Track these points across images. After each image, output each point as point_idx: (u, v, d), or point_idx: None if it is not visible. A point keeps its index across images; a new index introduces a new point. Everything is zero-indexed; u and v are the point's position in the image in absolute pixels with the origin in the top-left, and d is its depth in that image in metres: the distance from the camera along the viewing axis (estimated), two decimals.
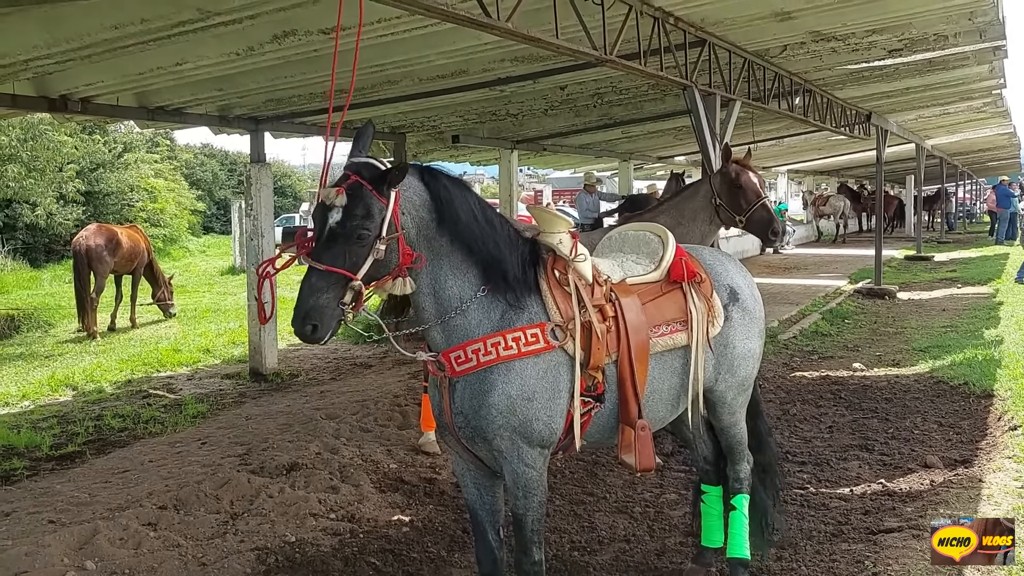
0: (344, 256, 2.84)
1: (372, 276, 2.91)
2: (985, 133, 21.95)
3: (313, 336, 2.83)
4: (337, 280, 2.83)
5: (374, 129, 3.19)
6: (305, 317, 2.82)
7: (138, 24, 5.27)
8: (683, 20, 6.49)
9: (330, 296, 2.82)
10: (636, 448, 3.33)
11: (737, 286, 3.92)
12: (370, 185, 2.87)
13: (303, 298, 2.82)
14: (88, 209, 22.74)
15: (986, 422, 6.66)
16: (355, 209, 2.84)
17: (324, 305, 2.82)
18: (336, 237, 2.85)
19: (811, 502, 5.23)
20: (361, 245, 2.86)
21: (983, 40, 8.52)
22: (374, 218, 2.86)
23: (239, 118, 8.94)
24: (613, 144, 15.53)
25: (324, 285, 2.82)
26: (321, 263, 2.83)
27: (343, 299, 2.84)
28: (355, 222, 2.84)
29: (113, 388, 8.96)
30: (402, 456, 6.28)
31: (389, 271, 2.96)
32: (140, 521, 5.00)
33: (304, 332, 2.83)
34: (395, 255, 2.94)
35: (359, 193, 2.86)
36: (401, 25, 5.70)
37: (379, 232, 2.87)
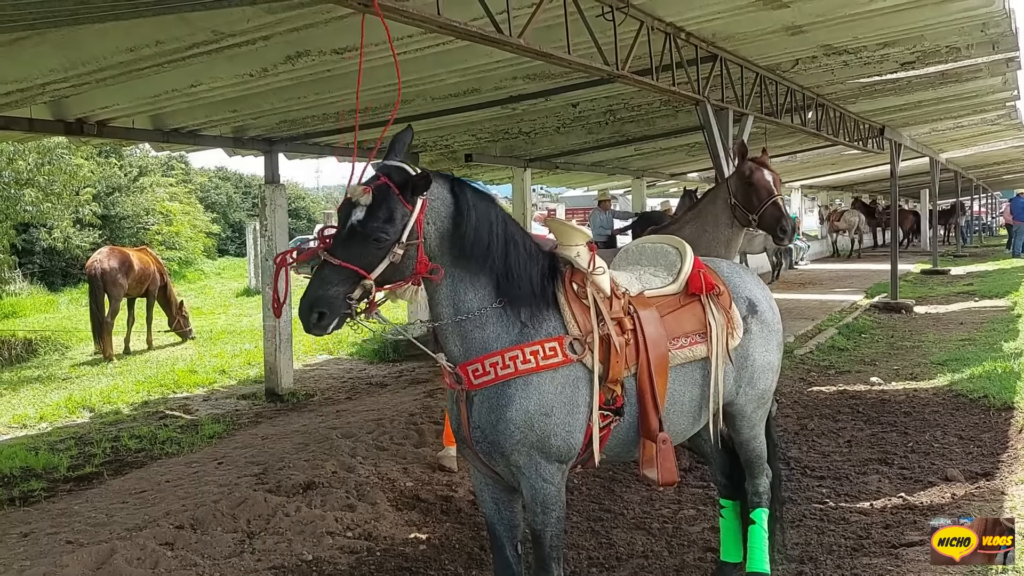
0: (360, 254, 2.85)
1: (386, 279, 2.92)
2: (1000, 146, 21.82)
3: (319, 324, 2.85)
4: (349, 276, 2.84)
5: (412, 136, 3.20)
6: (312, 304, 2.84)
7: (153, 47, 5.33)
8: (694, 35, 6.51)
9: (340, 289, 2.84)
10: (658, 462, 3.31)
11: (756, 298, 3.91)
12: (397, 189, 2.88)
13: (312, 287, 2.85)
14: (104, 233, 22.96)
15: (1007, 435, 6.58)
16: (378, 210, 2.85)
17: (332, 296, 2.83)
18: (355, 235, 2.86)
19: (831, 516, 5.17)
20: (379, 247, 2.87)
21: (996, 51, 8.49)
22: (396, 222, 2.87)
23: (253, 139, 9.02)
24: (626, 161, 15.55)
25: (335, 278, 2.84)
26: (336, 258, 2.84)
27: (352, 294, 2.85)
28: (376, 223, 2.85)
29: (130, 409, 8.99)
30: (418, 474, 6.26)
31: (404, 276, 2.96)
32: (157, 541, 4.99)
33: (310, 320, 2.85)
34: (412, 262, 2.95)
35: (385, 195, 2.87)
36: (414, 44, 5.76)
37: (399, 237, 2.88)
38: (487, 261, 3.10)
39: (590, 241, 3.47)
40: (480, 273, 3.11)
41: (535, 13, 4.63)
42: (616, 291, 3.40)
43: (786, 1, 5.82)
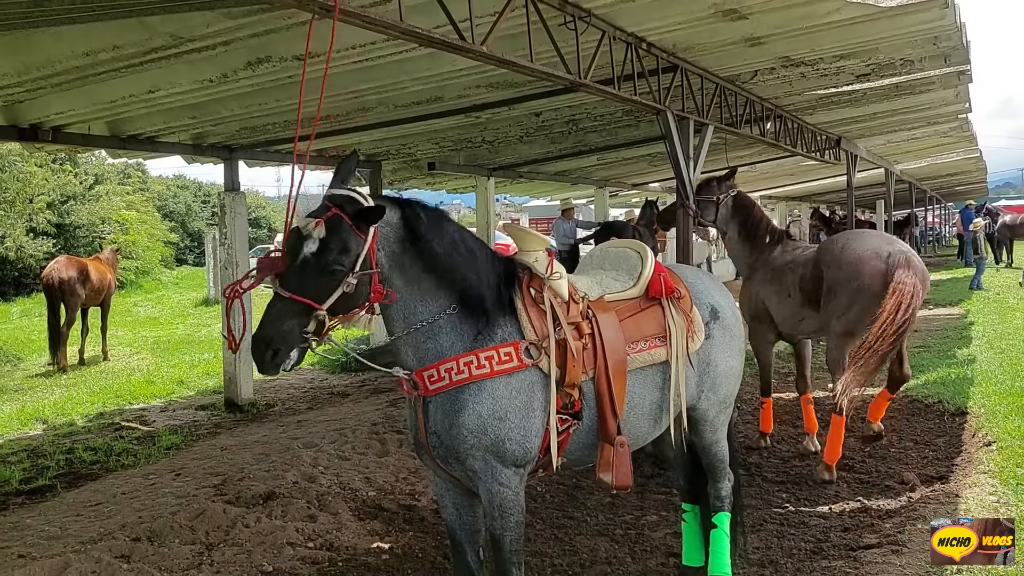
0: (313, 287, 2.83)
1: (337, 308, 2.91)
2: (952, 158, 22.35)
3: (273, 361, 2.81)
4: (302, 309, 2.81)
5: (358, 160, 3.20)
6: (266, 343, 2.79)
7: (109, 51, 5.25)
8: (655, 46, 6.57)
9: (293, 323, 2.81)
10: (614, 465, 3.32)
11: (718, 305, 3.96)
12: (351, 221, 2.87)
13: (265, 324, 2.81)
14: (59, 242, 22.47)
15: (961, 439, 6.72)
16: (331, 243, 2.84)
17: (287, 331, 2.80)
18: (308, 267, 2.84)
19: (791, 520, 5.24)
20: (333, 278, 2.85)
21: (948, 64, 8.69)
22: (350, 253, 2.87)
23: (213, 146, 8.91)
24: (588, 171, 15.63)
25: (288, 312, 2.81)
26: (287, 291, 2.81)
27: (307, 328, 2.82)
28: (331, 256, 2.84)
29: (84, 421, 8.79)
30: (381, 483, 6.22)
31: (357, 304, 2.96)
32: (113, 554, 4.88)
33: (264, 358, 2.81)
34: (365, 289, 2.94)
35: (338, 227, 2.86)
36: (376, 51, 5.73)
37: (352, 267, 2.87)
38: (442, 276, 3.11)
39: (549, 248, 3.49)
40: (434, 288, 3.13)
41: (498, 21, 4.64)
42: (574, 296, 3.42)
43: (745, 13, 5.90)
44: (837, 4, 6.01)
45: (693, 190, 7.31)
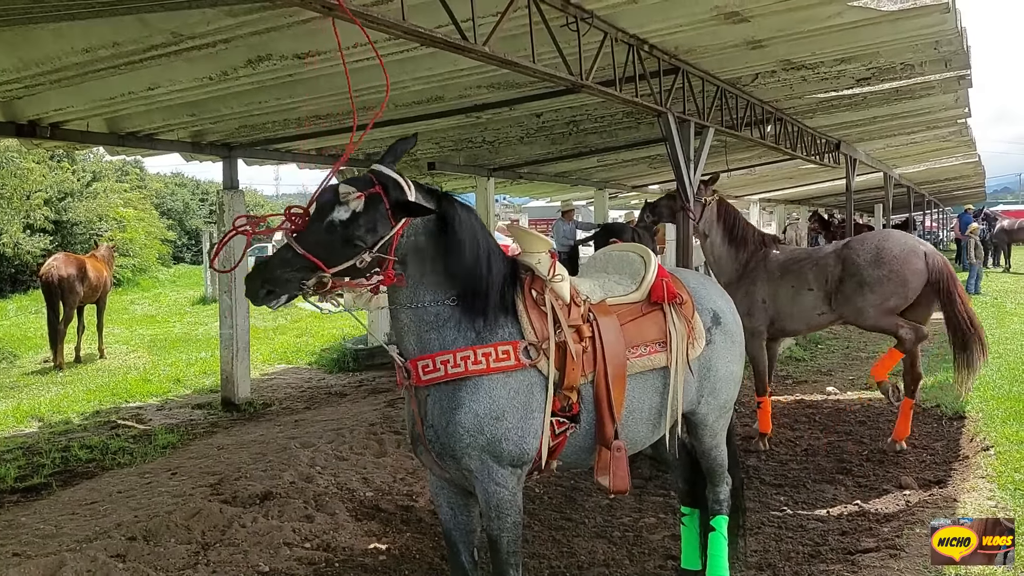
0: (328, 250, 2.85)
1: (343, 274, 2.91)
2: (951, 162, 22.37)
3: (265, 299, 2.85)
4: (308, 264, 2.83)
5: (415, 143, 3.20)
6: (265, 281, 2.83)
7: (109, 48, 5.23)
8: (657, 48, 6.56)
9: (296, 276, 2.84)
10: (611, 469, 3.31)
11: (720, 310, 3.96)
12: (389, 206, 2.88)
13: (271, 265, 2.83)
14: (56, 239, 22.42)
15: (959, 443, 6.73)
16: (362, 219, 2.87)
17: (287, 280, 2.84)
18: (332, 232, 2.85)
19: (789, 524, 5.23)
20: (351, 250, 2.87)
21: (948, 69, 8.69)
22: (376, 234, 2.89)
23: (212, 144, 8.88)
24: (589, 173, 15.62)
25: (295, 264, 2.83)
26: (301, 247, 2.83)
27: (306, 280, 2.85)
28: (357, 231, 2.86)
29: (80, 419, 8.77)
30: (379, 484, 6.20)
31: (362, 276, 2.96)
32: (108, 553, 4.85)
33: (258, 294, 2.84)
34: (376, 268, 2.95)
35: (375, 206, 2.89)
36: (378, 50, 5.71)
37: (373, 246, 2.89)
38: (457, 270, 3.11)
39: (552, 249, 3.47)
40: (448, 279, 3.12)
41: (500, 21, 4.63)
42: (576, 298, 3.41)
43: (746, 16, 5.89)
44: (839, 8, 6.00)
45: (694, 192, 7.31)
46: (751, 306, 6.99)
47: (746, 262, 7.19)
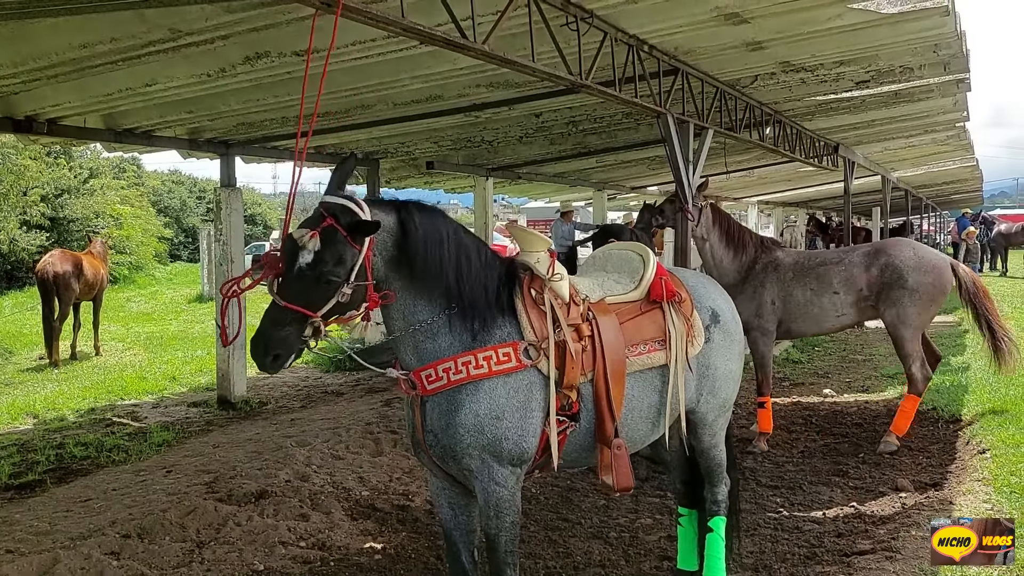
0: (308, 296, 2.85)
1: (333, 313, 2.93)
2: (949, 166, 22.39)
3: (274, 366, 2.88)
4: (298, 316, 2.85)
5: (356, 163, 3.19)
6: (267, 348, 2.85)
7: (107, 43, 5.20)
8: (657, 48, 6.55)
9: (291, 331, 2.85)
10: (614, 468, 3.30)
11: (719, 308, 3.95)
12: (346, 232, 2.87)
13: (265, 330, 2.85)
14: (52, 235, 22.37)
15: (955, 446, 6.73)
16: (326, 255, 2.85)
17: (286, 338, 2.85)
18: (304, 277, 2.86)
19: (785, 525, 5.23)
20: (328, 288, 2.87)
21: (947, 72, 8.69)
22: (345, 264, 2.88)
23: (209, 142, 8.85)
24: (587, 173, 15.61)
25: (286, 319, 2.85)
26: (283, 300, 2.84)
27: (304, 333, 2.87)
28: (325, 268, 2.85)
29: (75, 416, 8.74)
30: (375, 483, 6.19)
31: (353, 308, 2.97)
32: (102, 550, 4.84)
33: (265, 363, 2.87)
34: (361, 297, 2.96)
35: (333, 238, 2.86)
36: (376, 48, 5.70)
37: (348, 277, 2.88)
38: (440, 277, 3.11)
39: (551, 248, 3.47)
40: (433, 289, 3.12)
41: (500, 20, 4.62)
42: (575, 297, 3.40)
43: (746, 17, 5.89)
44: (838, 10, 5.99)
45: (693, 194, 7.31)
46: (760, 306, 7.14)
47: (750, 264, 7.27)
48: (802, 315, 7.20)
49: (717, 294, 4.03)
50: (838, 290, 7.10)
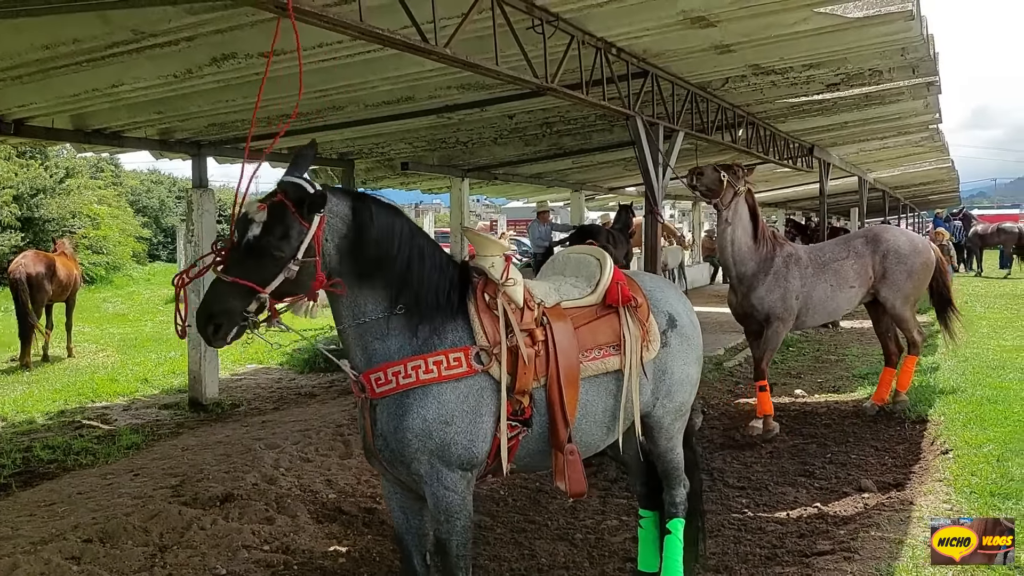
0: (255, 270, 2.84)
1: (282, 292, 2.92)
2: (925, 167, 22.60)
3: (215, 336, 2.86)
4: (243, 290, 2.83)
5: (315, 151, 3.19)
6: (209, 317, 2.84)
7: (70, 44, 5.17)
8: (625, 51, 6.58)
9: (235, 303, 2.84)
10: (566, 473, 3.32)
11: (676, 312, 3.96)
12: (294, 206, 2.86)
13: (208, 300, 2.85)
14: (27, 236, 22.12)
15: (920, 446, 6.80)
16: (274, 228, 2.85)
17: (229, 309, 2.83)
18: (251, 251, 2.85)
19: (749, 526, 5.26)
20: (274, 263, 2.85)
21: (916, 75, 8.78)
22: (291, 239, 2.87)
23: (181, 142, 8.80)
24: (564, 174, 15.65)
25: (231, 292, 2.84)
26: (230, 275, 2.84)
27: (248, 307, 2.85)
28: (271, 240, 2.85)
29: (44, 419, 8.66)
30: (342, 486, 6.17)
31: (303, 290, 2.95)
32: (63, 555, 4.80)
33: (206, 332, 2.86)
34: (309, 277, 2.93)
35: (281, 212, 2.86)
36: (343, 50, 5.69)
37: (295, 253, 2.87)
38: (390, 275, 3.10)
39: (507, 252, 3.47)
40: (383, 286, 3.11)
41: (462, 23, 4.62)
42: (529, 302, 3.40)
43: (712, 21, 5.92)
44: (804, 14, 6.05)
45: (662, 196, 7.34)
46: (785, 298, 7.40)
47: (768, 256, 7.43)
48: (821, 309, 7.63)
49: (675, 299, 4.05)
50: (854, 284, 7.63)
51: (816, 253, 7.86)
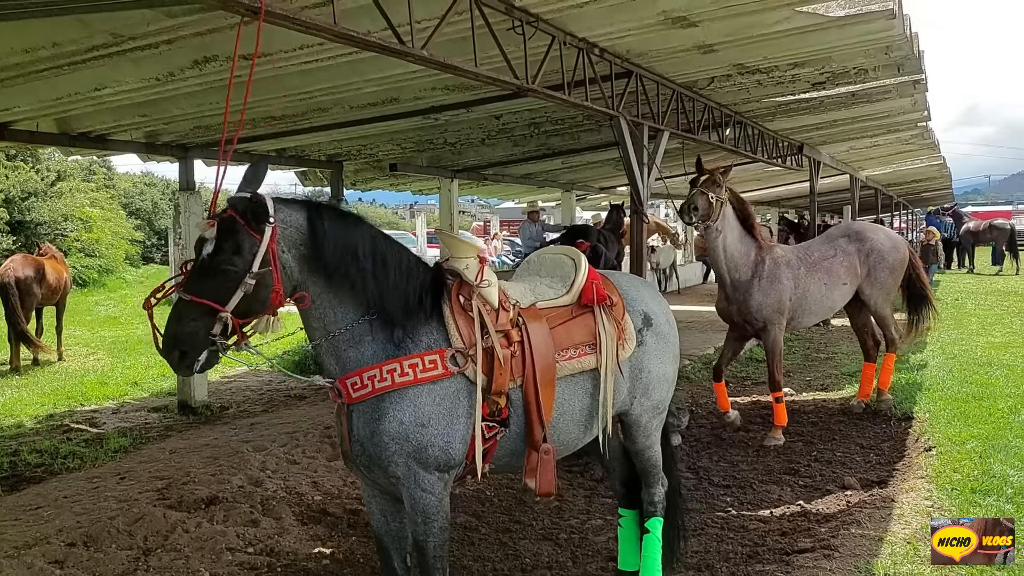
0: (213, 288, 2.83)
1: (244, 311, 2.89)
2: (916, 165, 22.63)
3: (182, 362, 2.84)
4: (204, 311, 2.82)
5: (267, 166, 3.19)
6: (172, 342, 2.82)
7: (49, 48, 5.16)
8: (608, 51, 6.59)
9: (197, 324, 2.81)
10: (538, 472, 3.33)
11: (652, 311, 3.98)
12: (243, 220, 2.86)
13: (169, 324, 2.83)
14: (19, 239, 22.07)
15: (905, 444, 6.83)
16: (224, 243, 2.85)
17: (191, 332, 2.81)
18: (206, 270, 2.85)
19: (731, 524, 5.27)
20: (228, 279, 2.84)
21: (901, 74, 8.80)
22: (243, 253, 2.86)
23: (167, 145, 8.79)
24: (554, 174, 15.65)
25: (191, 314, 2.82)
26: (189, 293, 2.83)
27: (212, 330, 2.82)
28: (223, 256, 2.85)
29: (33, 423, 8.64)
30: (328, 488, 6.17)
31: (265, 308, 2.93)
32: (46, 559, 4.82)
33: (171, 358, 2.84)
34: (268, 291, 2.91)
35: (231, 227, 2.86)
36: (325, 52, 5.70)
37: (249, 267, 2.86)
38: (355, 284, 3.10)
39: (481, 254, 3.49)
40: (350, 294, 3.11)
41: (439, 25, 4.63)
42: (505, 303, 3.42)
43: (694, 20, 5.94)
44: (785, 13, 6.06)
45: (647, 196, 7.35)
46: (780, 301, 7.28)
47: (758, 259, 7.25)
48: (817, 308, 7.60)
49: (651, 298, 4.06)
50: (846, 281, 7.67)
51: (804, 253, 7.80)
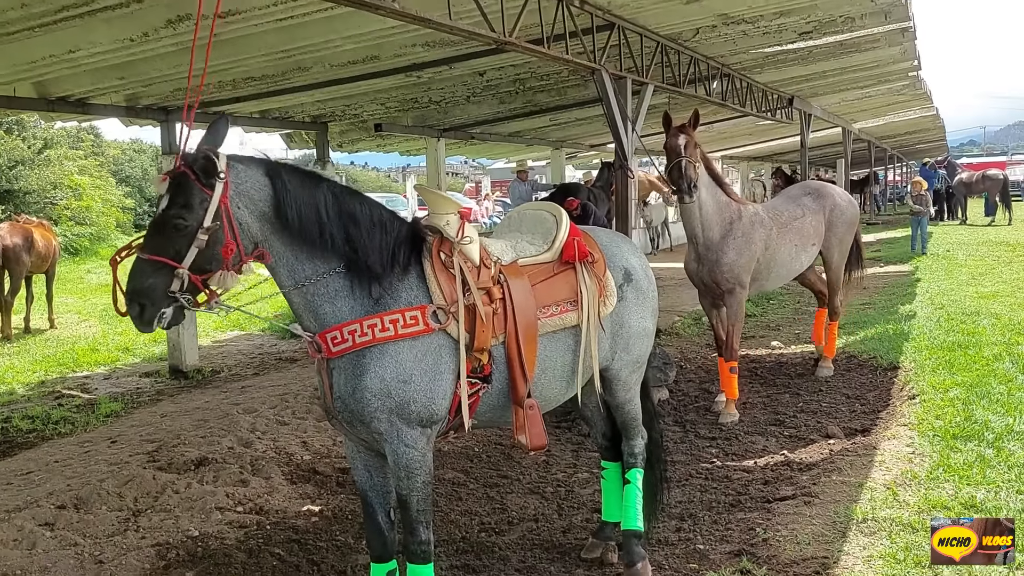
0: (168, 245, 2.82)
1: (201, 266, 2.88)
2: (909, 116, 22.52)
3: (142, 318, 2.83)
4: (161, 267, 2.82)
5: (228, 124, 3.16)
6: (131, 296, 2.82)
7: (18, 9, 5.08)
8: (588, 3, 6.49)
9: (155, 281, 2.82)
10: (527, 427, 3.36)
11: (631, 267, 3.98)
12: (193, 175, 2.84)
13: (128, 281, 2.83)
14: (7, 208, 21.92)
15: (890, 393, 6.88)
16: (176, 198, 2.84)
17: (150, 288, 2.81)
18: (160, 225, 2.84)
19: (715, 475, 5.34)
20: (181, 235, 2.83)
21: (888, 21, 8.73)
22: (194, 208, 2.83)
23: (148, 108, 8.68)
24: (543, 132, 15.52)
25: (149, 270, 2.82)
26: (145, 251, 2.82)
27: (171, 287, 2.82)
28: (174, 211, 2.83)
29: (25, 389, 8.67)
30: (317, 447, 6.22)
31: (218, 262, 2.91)
32: (36, 521, 4.86)
33: (132, 313, 2.84)
34: (219, 246, 2.89)
35: (182, 182, 2.85)
36: (299, 9, 5.61)
37: (200, 222, 2.84)
38: (323, 241, 3.08)
39: (461, 211, 3.46)
40: (320, 251, 3.10)
41: None
42: (486, 260, 3.41)
43: None
44: None
45: (632, 151, 7.30)
46: (750, 262, 6.71)
47: (731, 218, 6.66)
48: (784, 270, 7.20)
49: (630, 253, 4.06)
50: (815, 241, 7.49)
51: (775, 213, 7.18)
